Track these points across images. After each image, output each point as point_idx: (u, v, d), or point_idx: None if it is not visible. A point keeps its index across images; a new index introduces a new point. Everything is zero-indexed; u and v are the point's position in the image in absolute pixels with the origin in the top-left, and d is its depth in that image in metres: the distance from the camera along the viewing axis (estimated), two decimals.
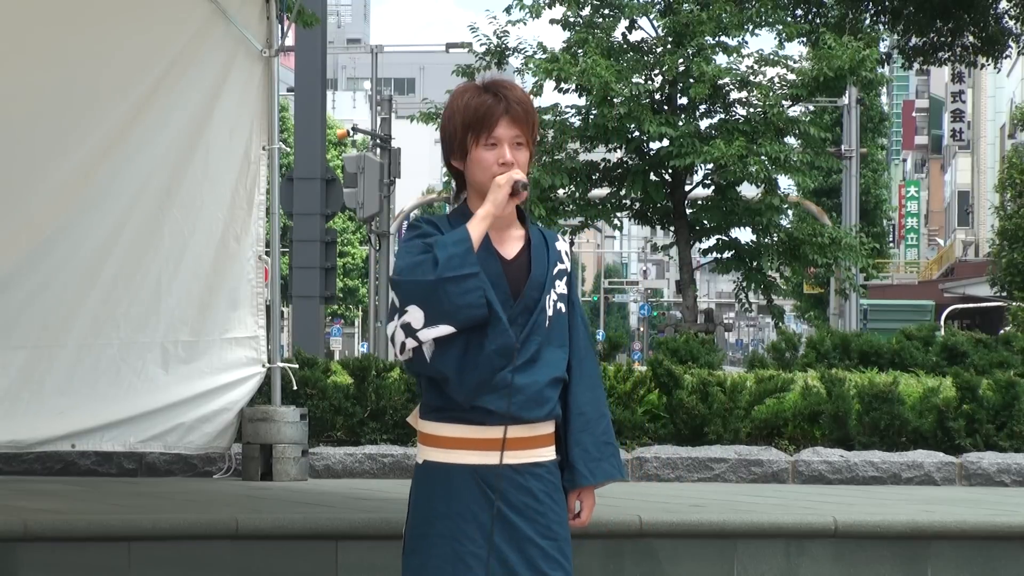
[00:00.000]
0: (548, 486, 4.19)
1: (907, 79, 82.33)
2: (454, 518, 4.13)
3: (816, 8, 17.29)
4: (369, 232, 36.81)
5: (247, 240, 9.96)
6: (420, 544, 4.17)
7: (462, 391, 4.13)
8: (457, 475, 4.16)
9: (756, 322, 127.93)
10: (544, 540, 4.15)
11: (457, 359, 4.11)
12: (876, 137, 52.40)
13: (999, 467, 10.26)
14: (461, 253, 4.06)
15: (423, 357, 4.13)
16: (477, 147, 4.19)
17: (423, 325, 4.08)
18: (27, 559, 7.12)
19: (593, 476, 4.26)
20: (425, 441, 4.27)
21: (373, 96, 43.07)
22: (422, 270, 4.06)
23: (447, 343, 4.10)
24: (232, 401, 9.91)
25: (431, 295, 4.06)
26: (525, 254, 4.22)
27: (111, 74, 9.84)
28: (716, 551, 7.64)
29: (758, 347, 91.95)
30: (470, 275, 4.06)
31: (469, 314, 4.07)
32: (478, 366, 4.11)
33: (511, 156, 4.17)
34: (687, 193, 22.96)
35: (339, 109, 75.45)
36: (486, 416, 4.14)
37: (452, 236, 4.10)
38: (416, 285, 4.07)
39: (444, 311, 4.06)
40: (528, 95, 4.28)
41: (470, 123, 4.18)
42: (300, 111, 21.45)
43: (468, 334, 4.10)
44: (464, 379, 4.11)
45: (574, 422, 4.26)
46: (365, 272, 55.49)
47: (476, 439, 4.16)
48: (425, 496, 4.21)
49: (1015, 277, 33.02)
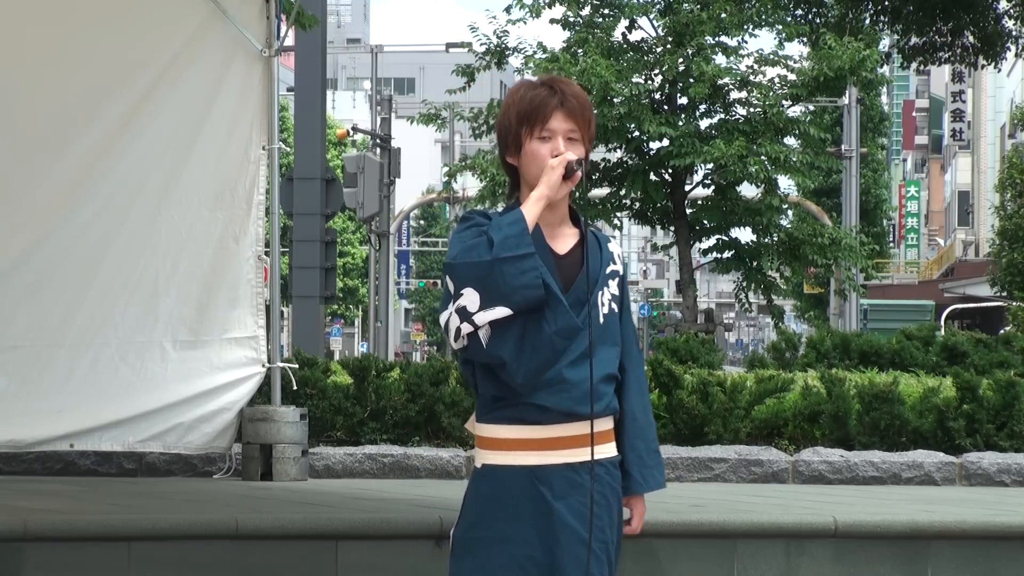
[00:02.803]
0: (605, 487, 4.14)
1: (907, 79, 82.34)
2: (511, 520, 4.07)
3: (816, 8, 17.27)
4: (369, 232, 36.82)
5: (246, 240, 9.96)
6: (472, 546, 4.10)
7: (520, 375, 4.05)
8: (515, 477, 4.09)
9: (756, 322, 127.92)
10: (596, 543, 4.10)
11: (515, 342, 4.04)
12: (876, 137, 52.38)
13: (999, 467, 10.26)
14: (517, 234, 4.01)
15: (479, 343, 4.06)
16: (531, 140, 4.15)
17: (478, 308, 4.01)
18: (27, 559, 7.12)
19: (646, 483, 4.23)
20: (483, 445, 4.17)
21: (373, 96, 43.10)
22: (477, 252, 4.00)
23: (503, 327, 4.03)
24: (232, 401, 9.90)
25: (487, 276, 3.99)
26: (578, 250, 4.17)
27: (108, 73, 9.84)
28: (716, 551, 7.63)
29: (758, 347, 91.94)
30: (526, 255, 4.00)
31: (526, 295, 4.00)
32: (537, 348, 4.04)
33: (565, 149, 4.13)
34: (687, 193, 22.96)
35: (339, 109, 75.44)
36: (541, 414, 4.08)
37: (507, 218, 4.05)
38: (472, 267, 4.01)
39: (500, 293, 3.99)
40: (585, 92, 4.24)
41: (525, 115, 4.15)
42: (300, 111, 21.44)
43: (525, 317, 4.03)
44: (522, 363, 4.04)
45: (629, 427, 4.22)
46: (365, 272, 55.49)
47: (533, 439, 4.09)
48: (482, 499, 4.13)
49: (1015, 277, 33.01)
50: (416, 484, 9.68)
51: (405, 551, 7.40)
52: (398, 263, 59.55)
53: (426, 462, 10.11)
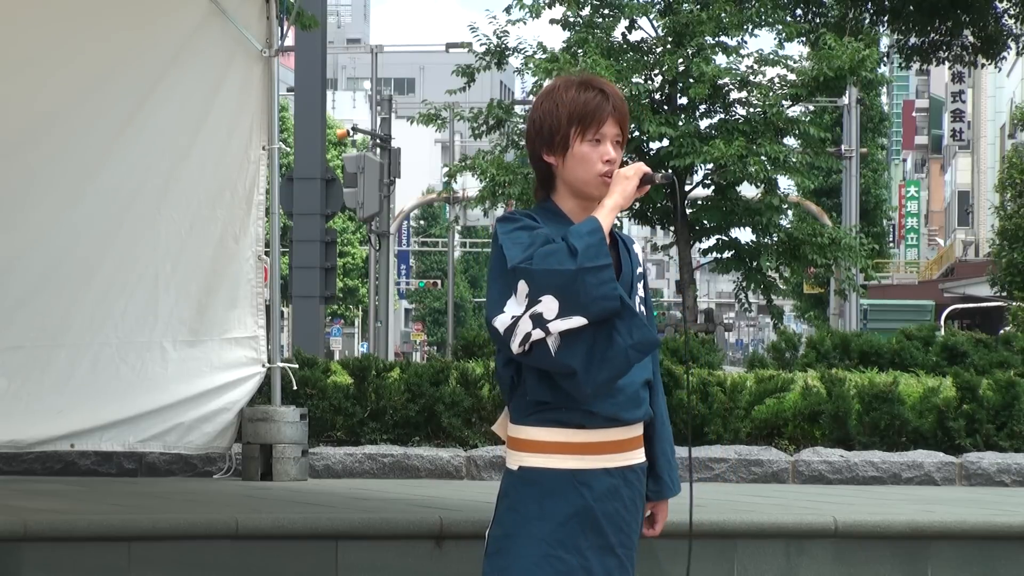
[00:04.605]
0: (635, 493, 4.15)
1: (907, 79, 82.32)
2: (547, 521, 4.05)
3: (816, 8, 17.26)
4: (369, 232, 36.82)
5: (246, 240, 9.96)
6: (505, 544, 4.08)
7: (588, 386, 4.01)
8: (556, 479, 4.06)
9: (756, 322, 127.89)
10: (622, 549, 4.11)
11: (585, 353, 3.99)
12: (876, 137, 52.40)
13: (999, 467, 10.26)
14: (597, 243, 3.96)
15: (547, 350, 3.98)
16: (582, 142, 4.10)
17: (556, 316, 3.95)
18: (27, 559, 7.12)
19: (675, 487, 4.25)
20: (521, 447, 4.12)
21: (373, 96, 43.08)
22: (558, 259, 3.94)
23: (575, 337, 3.98)
24: (232, 401, 9.90)
25: (570, 285, 3.94)
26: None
27: (108, 73, 9.84)
28: (716, 551, 7.63)
29: (758, 347, 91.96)
30: (606, 266, 3.96)
31: (603, 306, 3.96)
32: (608, 360, 4.00)
33: (616, 154, 4.11)
34: (687, 193, 22.96)
35: (339, 109, 75.45)
36: (586, 418, 4.05)
37: (585, 227, 3.99)
38: (555, 275, 3.95)
39: (580, 302, 3.94)
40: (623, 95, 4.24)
41: (578, 117, 4.10)
42: (300, 111, 21.44)
43: (596, 328, 3.98)
44: (591, 373, 3.99)
45: (660, 430, 4.21)
46: (365, 272, 55.48)
47: (576, 443, 4.07)
48: (519, 500, 4.09)
49: (1015, 277, 33.02)
50: (416, 484, 9.68)
51: (405, 551, 7.40)
52: (398, 263, 59.60)
53: (426, 462, 10.11)
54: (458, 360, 11.60)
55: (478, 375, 10.60)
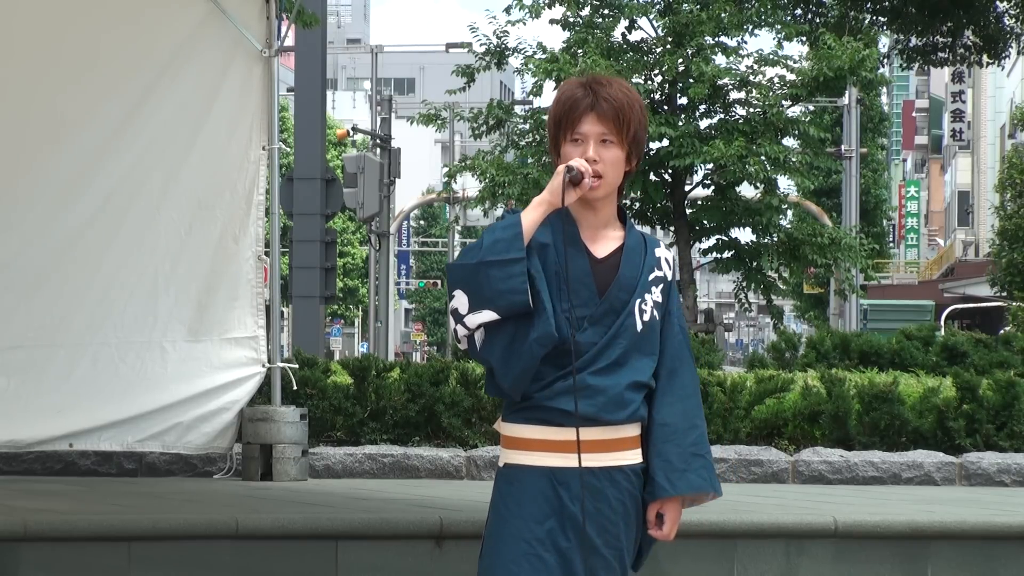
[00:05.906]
0: (623, 493, 4.12)
1: (907, 79, 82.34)
2: (526, 519, 4.05)
3: (816, 8, 17.25)
4: (369, 232, 36.81)
5: (246, 240, 9.96)
6: (489, 545, 4.11)
7: (505, 380, 4.04)
8: (534, 477, 4.08)
9: (756, 322, 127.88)
10: (607, 549, 4.09)
11: (503, 348, 4.02)
12: (876, 137, 52.40)
13: (999, 467, 10.26)
14: (508, 238, 3.98)
15: (474, 345, 4.05)
16: (565, 143, 4.11)
17: (468, 310, 4.00)
18: (27, 559, 7.11)
19: (673, 487, 4.16)
20: (506, 444, 4.15)
21: (373, 96, 43.09)
22: (469, 254, 4.01)
23: (495, 331, 4.02)
24: (231, 401, 9.90)
25: (473, 278, 3.99)
26: (617, 255, 4.12)
27: (107, 72, 9.84)
28: (716, 551, 7.63)
29: (758, 347, 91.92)
30: (514, 260, 3.97)
31: (511, 300, 3.97)
32: (519, 355, 4.00)
33: (595, 153, 4.07)
34: (687, 193, 22.96)
35: (339, 109, 75.46)
36: (565, 417, 4.05)
37: (503, 222, 4.04)
38: (461, 269, 4.02)
39: (485, 296, 3.98)
40: (629, 92, 4.13)
41: (560, 118, 4.11)
42: (300, 111, 21.45)
43: (516, 323, 4.00)
44: (508, 368, 4.02)
45: (656, 433, 4.16)
46: (365, 272, 55.49)
47: (554, 440, 4.07)
48: (502, 498, 4.11)
49: (1015, 277, 33.02)
50: (416, 484, 9.67)
51: (405, 551, 7.40)
52: (398, 263, 59.58)
53: (426, 462, 10.11)
54: (458, 360, 11.60)
55: (478, 375, 10.60)
